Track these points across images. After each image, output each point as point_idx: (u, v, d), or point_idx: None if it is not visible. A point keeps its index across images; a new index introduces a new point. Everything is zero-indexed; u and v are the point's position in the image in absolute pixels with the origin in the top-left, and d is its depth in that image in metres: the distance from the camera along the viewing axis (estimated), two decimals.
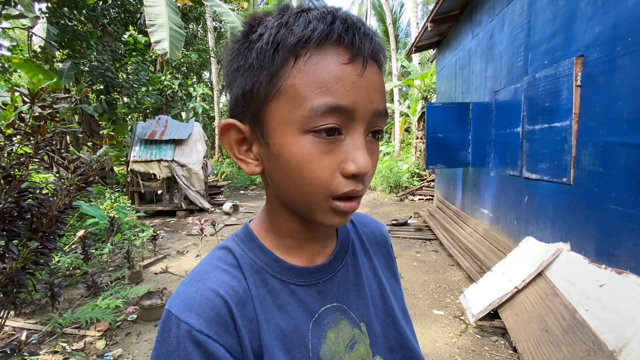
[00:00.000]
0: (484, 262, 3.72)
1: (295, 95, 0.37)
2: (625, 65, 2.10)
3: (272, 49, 0.37)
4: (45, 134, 1.90)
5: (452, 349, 2.57)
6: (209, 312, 0.39)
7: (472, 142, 5.09)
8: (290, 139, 0.38)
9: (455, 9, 5.32)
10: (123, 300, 3.19)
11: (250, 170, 0.43)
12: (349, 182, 0.39)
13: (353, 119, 0.38)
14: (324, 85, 0.36)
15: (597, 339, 1.92)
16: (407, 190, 9.79)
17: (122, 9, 9.47)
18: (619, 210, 2.15)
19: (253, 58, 0.39)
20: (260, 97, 0.39)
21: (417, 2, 14.45)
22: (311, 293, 0.47)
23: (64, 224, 2.12)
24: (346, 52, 0.37)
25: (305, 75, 0.36)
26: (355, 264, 0.53)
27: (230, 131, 0.43)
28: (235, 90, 0.42)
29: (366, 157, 0.38)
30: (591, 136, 2.41)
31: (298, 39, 0.36)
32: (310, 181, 0.38)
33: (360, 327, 0.49)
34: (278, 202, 0.46)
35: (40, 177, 4.85)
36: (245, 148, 0.44)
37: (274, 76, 0.38)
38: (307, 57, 0.36)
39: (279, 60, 0.37)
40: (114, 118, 8.32)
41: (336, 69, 0.36)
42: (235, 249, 0.47)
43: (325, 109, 0.36)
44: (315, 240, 0.50)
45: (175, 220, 7.55)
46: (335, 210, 0.40)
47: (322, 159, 0.38)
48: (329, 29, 0.37)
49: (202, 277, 0.43)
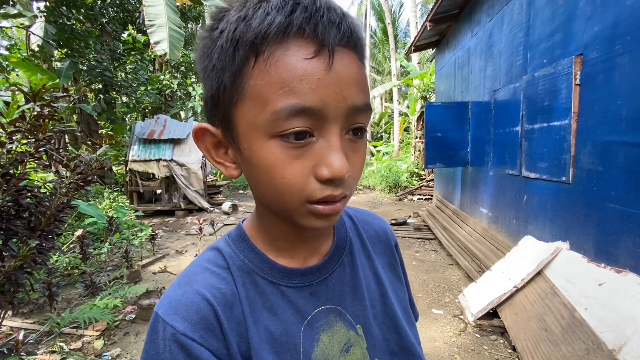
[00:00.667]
0: (483, 261, 3.72)
1: (258, 98, 0.34)
2: (624, 64, 2.10)
3: (232, 47, 0.34)
4: (45, 132, 1.89)
5: (451, 348, 2.56)
6: (194, 315, 0.38)
7: (471, 141, 5.09)
8: (258, 144, 0.36)
9: (454, 8, 5.32)
10: (121, 300, 3.18)
11: (229, 174, 0.42)
12: (325, 187, 0.36)
13: (324, 120, 0.34)
14: (287, 85, 0.33)
15: (597, 337, 1.92)
16: (406, 190, 9.79)
17: (121, 8, 9.45)
18: (618, 209, 2.15)
19: (215, 58, 0.36)
20: (226, 100, 0.37)
21: (417, 2, 14.46)
22: (303, 295, 0.45)
23: (63, 222, 2.12)
24: (310, 44, 0.33)
25: (266, 75, 0.33)
26: (353, 264, 0.51)
27: (205, 135, 0.41)
28: (205, 92, 0.39)
29: (342, 160, 0.35)
30: (590, 135, 2.41)
31: (255, 34, 0.33)
32: (282, 188, 0.36)
33: (356, 329, 0.47)
34: (263, 204, 0.45)
35: (38, 175, 4.83)
36: (222, 151, 0.42)
37: (237, 77, 0.35)
38: (268, 55, 0.33)
39: (239, 60, 0.34)
40: (113, 117, 8.31)
41: (299, 65, 0.33)
42: (226, 249, 0.46)
43: (289, 112, 0.33)
44: (307, 241, 0.48)
45: (174, 220, 7.54)
46: (315, 213, 0.37)
47: (292, 164, 0.35)
48: (287, 20, 0.33)
49: (190, 280, 0.42)
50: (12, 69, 6.86)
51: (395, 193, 9.94)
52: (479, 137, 4.72)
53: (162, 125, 8.06)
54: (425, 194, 9.43)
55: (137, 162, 7.60)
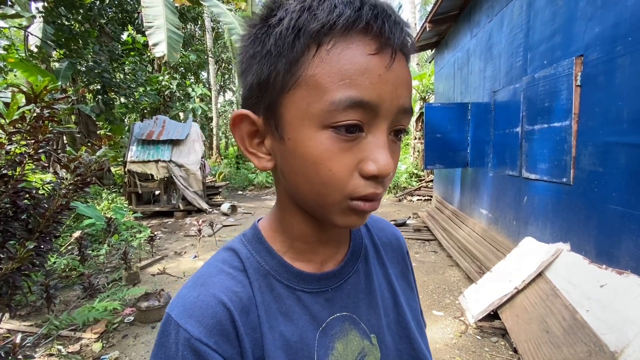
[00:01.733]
0: (483, 262, 3.71)
1: (316, 87, 0.34)
2: (625, 64, 2.10)
3: (292, 34, 0.34)
4: (45, 133, 1.88)
5: (452, 350, 2.55)
6: (210, 319, 0.38)
7: (470, 142, 5.08)
8: (307, 134, 0.35)
9: (453, 9, 5.33)
10: (120, 302, 3.16)
11: (262, 166, 0.41)
12: (369, 184, 0.36)
13: (377, 116, 0.35)
14: (348, 77, 0.33)
15: (598, 339, 1.91)
16: (406, 191, 9.79)
17: (120, 8, 9.43)
18: (620, 210, 2.14)
19: (271, 44, 0.36)
20: (277, 88, 0.36)
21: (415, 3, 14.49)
22: (319, 301, 0.44)
23: (61, 224, 2.10)
24: (374, 41, 0.34)
25: (327, 65, 0.34)
26: (368, 271, 0.50)
27: (243, 122, 0.40)
28: (250, 79, 0.39)
29: (388, 157, 0.35)
30: (591, 136, 2.41)
31: (322, 24, 0.33)
32: (327, 180, 0.36)
33: (370, 338, 0.46)
34: (290, 201, 0.44)
35: (36, 177, 4.80)
36: (257, 141, 0.41)
37: (293, 65, 0.35)
38: (331, 46, 0.34)
39: (300, 48, 0.34)
40: (111, 118, 8.28)
41: (362, 60, 0.33)
42: (242, 250, 0.45)
43: (348, 104, 0.33)
44: (328, 244, 0.47)
45: (172, 221, 7.52)
46: (354, 210, 0.37)
47: (340, 157, 0.35)
48: (356, 14, 0.33)
49: (205, 281, 0.41)
50: (10, 69, 6.83)
51: (394, 194, 9.93)
52: (479, 138, 4.71)
53: (160, 126, 8.04)
54: (424, 194, 9.43)
55: (135, 163, 7.57)
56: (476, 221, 4.72)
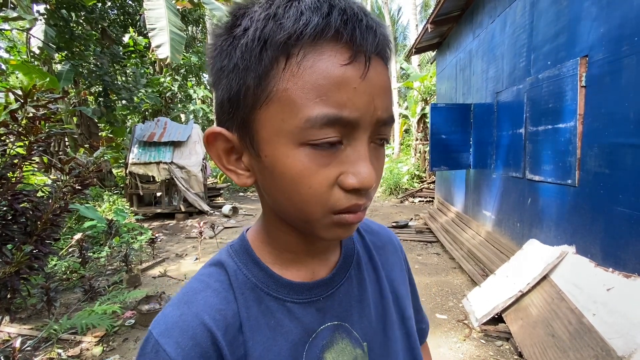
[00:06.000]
0: (487, 265, 3.67)
1: (289, 103, 0.32)
2: (631, 65, 2.07)
3: (258, 47, 0.32)
4: (38, 134, 1.85)
5: (456, 354, 2.52)
6: (189, 341, 0.36)
7: (473, 143, 5.06)
8: (284, 152, 0.33)
9: (455, 10, 5.31)
10: (120, 306, 3.14)
11: (242, 182, 0.39)
12: (350, 197, 0.35)
13: (356, 128, 0.33)
14: (322, 92, 0.31)
15: (606, 344, 1.88)
16: (407, 192, 9.75)
17: (122, 11, 9.46)
18: (627, 212, 2.11)
19: (237, 57, 0.33)
20: (249, 103, 0.34)
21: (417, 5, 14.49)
22: (310, 311, 0.42)
23: (60, 227, 2.08)
24: (345, 49, 0.32)
25: (299, 79, 0.31)
26: (360, 278, 0.48)
27: (217, 140, 0.38)
28: (220, 94, 0.37)
29: (370, 170, 0.34)
30: (596, 137, 2.38)
31: (288, 35, 0.31)
32: (308, 197, 0.34)
33: (363, 347, 0.45)
34: (274, 215, 0.42)
35: (36, 179, 4.79)
36: (235, 158, 0.39)
37: (263, 79, 0.33)
38: (301, 57, 0.31)
39: (268, 60, 0.32)
40: (112, 120, 8.29)
41: (336, 72, 0.31)
42: (229, 263, 0.43)
43: (325, 121, 0.31)
44: (316, 254, 0.45)
45: (174, 223, 7.50)
46: (339, 223, 0.36)
47: (319, 172, 0.33)
48: (324, 22, 0.31)
49: (190, 299, 0.40)
50: (12, 71, 6.84)
51: (396, 195, 9.90)
52: (482, 140, 4.69)
53: (162, 128, 8.04)
54: (426, 196, 9.39)
55: (137, 164, 7.57)
56: (480, 224, 4.68)
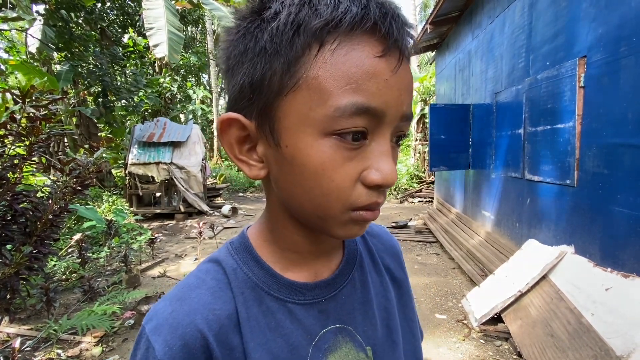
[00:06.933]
0: (486, 265, 3.68)
1: (318, 90, 0.31)
2: (629, 65, 2.08)
3: (291, 31, 0.31)
4: (38, 134, 1.85)
5: (455, 354, 2.52)
6: (177, 341, 0.35)
7: (472, 144, 5.07)
8: (308, 142, 0.33)
9: (455, 11, 5.32)
10: (120, 306, 3.13)
11: (254, 174, 0.38)
12: (371, 194, 0.34)
13: (381, 122, 0.33)
14: (354, 81, 0.31)
15: (604, 344, 1.88)
16: (407, 193, 9.76)
17: (121, 11, 9.46)
18: (625, 212, 2.12)
19: (266, 41, 0.32)
20: (273, 89, 0.33)
21: (416, 5, 14.52)
22: (312, 313, 0.41)
23: (59, 227, 2.08)
24: (380, 42, 0.32)
25: (331, 67, 0.31)
26: (363, 280, 0.47)
27: (232, 127, 0.37)
28: (240, 78, 0.35)
29: (393, 167, 0.34)
30: (595, 138, 2.38)
31: (326, 22, 0.30)
32: (329, 192, 0.33)
33: (366, 351, 0.44)
34: (282, 211, 0.41)
35: (36, 180, 4.79)
36: (247, 147, 0.38)
37: (292, 65, 0.32)
38: (335, 46, 0.31)
39: (300, 46, 0.31)
40: (112, 121, 8.29)
41: (369, 63, 0.31)
42: (228, 261, 0.42)
43: (355, 110, 0.31)
44: (321, 254, 0.44)
45: (173, 223, 7.50)
46: (356, 220, 0.35)
47: (343, 166, 0.33)
48: (363, 12, 0.31)
49: (183, 296, 0.39)
50: (11, 72, 6.84)
51: (395, 196, 9.91)
52: (481, 140, 4.69)
53: (161, 128, 8.04)
54: (425, 196, 9.40)
55: (136, 165, 7.56)
56: (479, 224, 4.69)
